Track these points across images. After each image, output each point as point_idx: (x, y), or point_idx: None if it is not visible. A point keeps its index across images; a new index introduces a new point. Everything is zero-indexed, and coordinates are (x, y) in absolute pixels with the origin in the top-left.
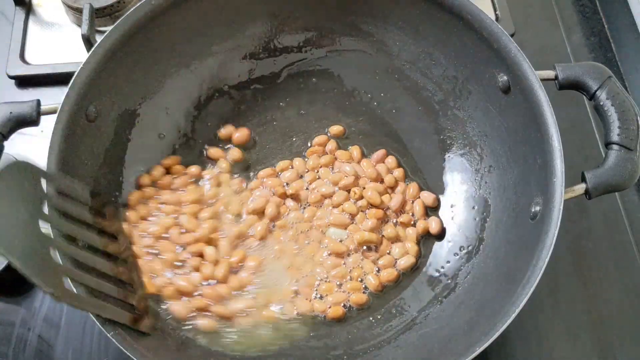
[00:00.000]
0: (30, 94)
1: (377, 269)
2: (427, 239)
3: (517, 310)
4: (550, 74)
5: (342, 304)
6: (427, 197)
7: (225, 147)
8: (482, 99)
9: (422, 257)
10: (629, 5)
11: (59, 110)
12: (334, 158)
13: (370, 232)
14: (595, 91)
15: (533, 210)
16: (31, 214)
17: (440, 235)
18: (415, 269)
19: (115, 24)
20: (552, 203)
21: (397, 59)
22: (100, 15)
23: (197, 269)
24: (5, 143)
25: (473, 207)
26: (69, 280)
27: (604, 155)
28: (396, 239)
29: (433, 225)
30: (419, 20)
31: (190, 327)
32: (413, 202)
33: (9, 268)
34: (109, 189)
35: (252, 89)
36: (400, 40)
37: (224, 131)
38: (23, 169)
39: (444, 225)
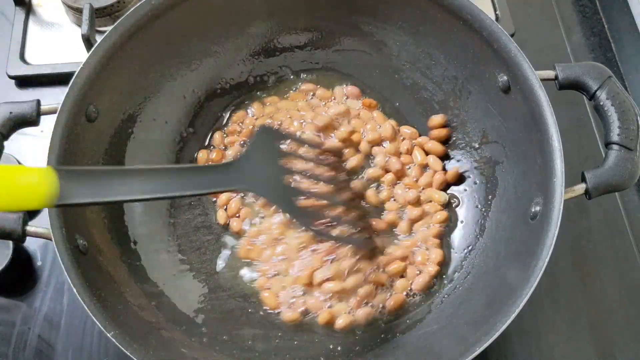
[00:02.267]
0: (30, 94)
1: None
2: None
3: (517, 310)
4: (550, 74)
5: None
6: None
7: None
8: (482, 99)
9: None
10: (629, 5)
11: (59, 110)
12: None
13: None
14: (595, 91)
15: (533, 210)
16: (277, 169)
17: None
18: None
19: (115, 24)
20: (552, 203)
21: (397, 59)
22: (100, 15)
23: None
24: (5, 143)
25: (473, 207)
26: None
27: (604, 155)
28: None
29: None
30: (419, 20)
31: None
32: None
33: (9, 268)
34: None
35: (253, 89)
36: (400, 40)
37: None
38: (269, 132)
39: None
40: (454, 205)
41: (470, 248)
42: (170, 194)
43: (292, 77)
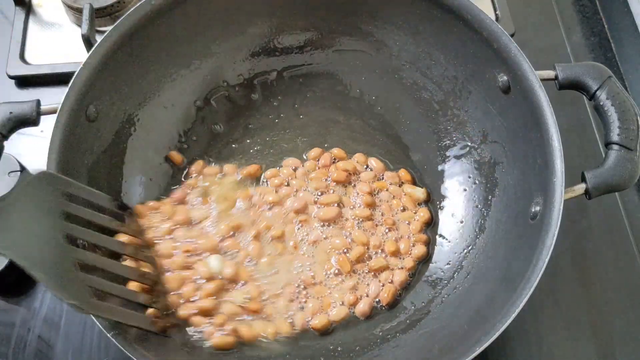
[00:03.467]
0: (30, 94)
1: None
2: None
3: (517, 310)
4: (550, 74)
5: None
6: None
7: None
8: (482, 99)
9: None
10: (629, 5)
11: (59, 110)
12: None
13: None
14: (595, 91)
15: (533, 210)
16: (54, 227)
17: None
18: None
19: (115, 24)
20: (552, 203)
21: (397, 59)
22: (100, 15)
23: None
24: (5, 143)
25: (473, 207)
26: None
27: (604, 155)
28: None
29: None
30: (419, 20)
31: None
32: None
33: (9, 268)
34: (109, 190)
35: (252, 90)
36: (400, 40)
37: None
38: (45, 181)
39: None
40: (441, 206)
41: (470, 248)
42: None
43: (291, 78)
